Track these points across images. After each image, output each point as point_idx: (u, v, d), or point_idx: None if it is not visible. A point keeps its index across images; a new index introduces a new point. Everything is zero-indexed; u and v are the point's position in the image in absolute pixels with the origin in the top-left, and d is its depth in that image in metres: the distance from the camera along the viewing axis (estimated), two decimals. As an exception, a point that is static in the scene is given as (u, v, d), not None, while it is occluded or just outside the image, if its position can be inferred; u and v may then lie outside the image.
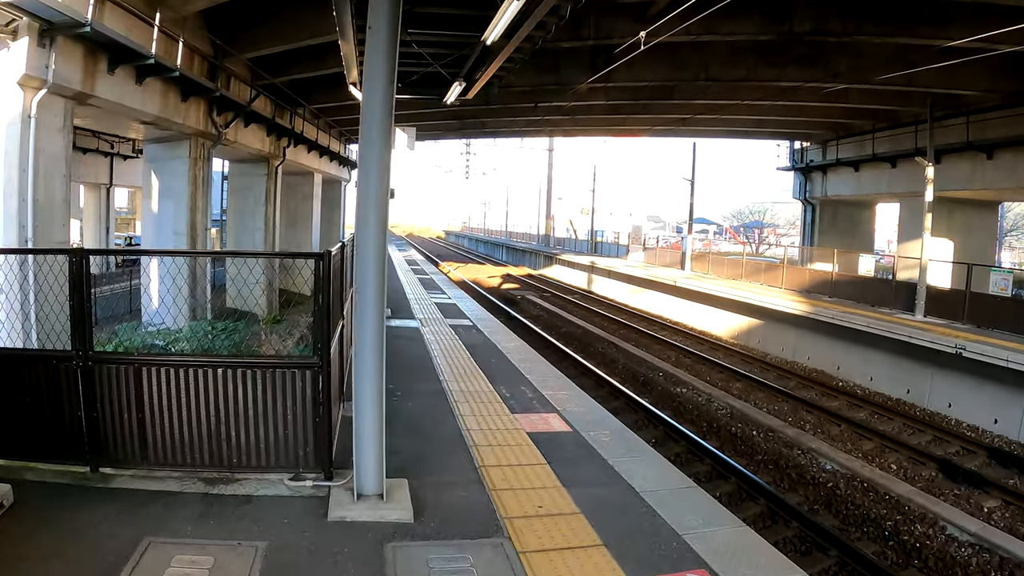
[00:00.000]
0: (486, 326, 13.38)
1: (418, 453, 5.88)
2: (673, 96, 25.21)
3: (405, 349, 10.73)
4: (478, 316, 14.77)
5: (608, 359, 17.76)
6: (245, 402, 4.85)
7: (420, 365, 9.42)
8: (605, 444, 6.28)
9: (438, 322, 13.31)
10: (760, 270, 26.11)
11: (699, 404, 14.00)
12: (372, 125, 4.49)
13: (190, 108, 18.64)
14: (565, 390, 8.43)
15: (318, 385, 4.80)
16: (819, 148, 33.91)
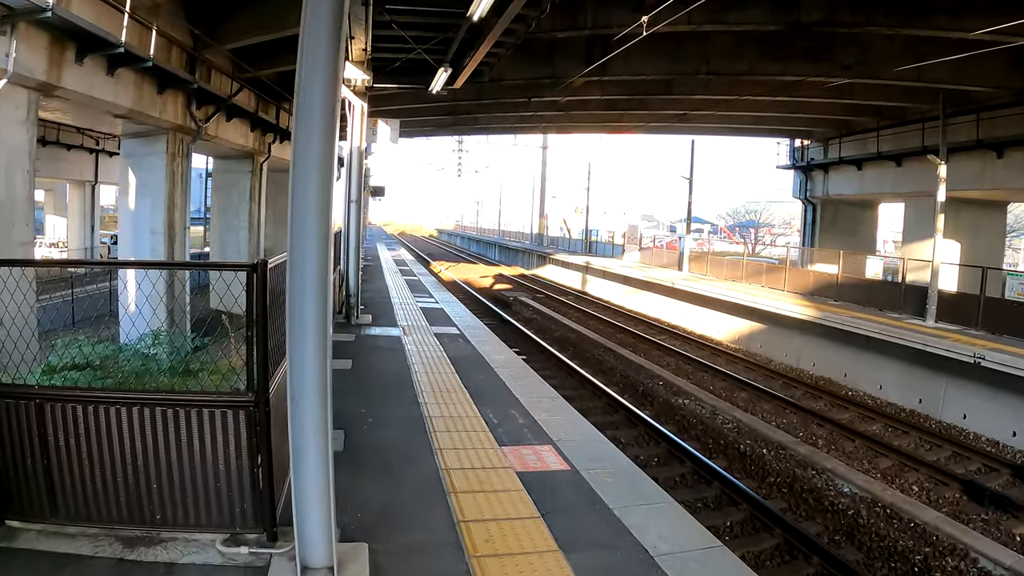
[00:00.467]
0: (474, 335, 12.47)
1: (386, 503, 4.85)
2: (672, 91, 24.38)
3: (383, 363, 9.82)
4: (466, 323, 13.96)
5: (605, 366, 16.88)
6: (167, 447, 3.90)
7: (398, 382, 8.54)
8: (608, 487, 5.29)
9: (422, 330, 12.48)
10: (761, 272, 25.27)
11: (703, 417, 13.13)
12: (311, 102, 3.50)
13: (167, 101, 17.70)
14: (560, 413, 7.46)
15: (254, 427, 3.85)
16: (820, 146, 33.12)
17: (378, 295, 17.34)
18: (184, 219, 19.55)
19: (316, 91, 3.49)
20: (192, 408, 3.83)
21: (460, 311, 15.45)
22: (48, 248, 46.99)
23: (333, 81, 3.48)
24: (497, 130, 36.96)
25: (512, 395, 8.08)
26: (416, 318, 13.59)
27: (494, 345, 11.66)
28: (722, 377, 16.64)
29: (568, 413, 7.57)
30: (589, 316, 25.04)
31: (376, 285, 19.65)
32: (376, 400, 7.61)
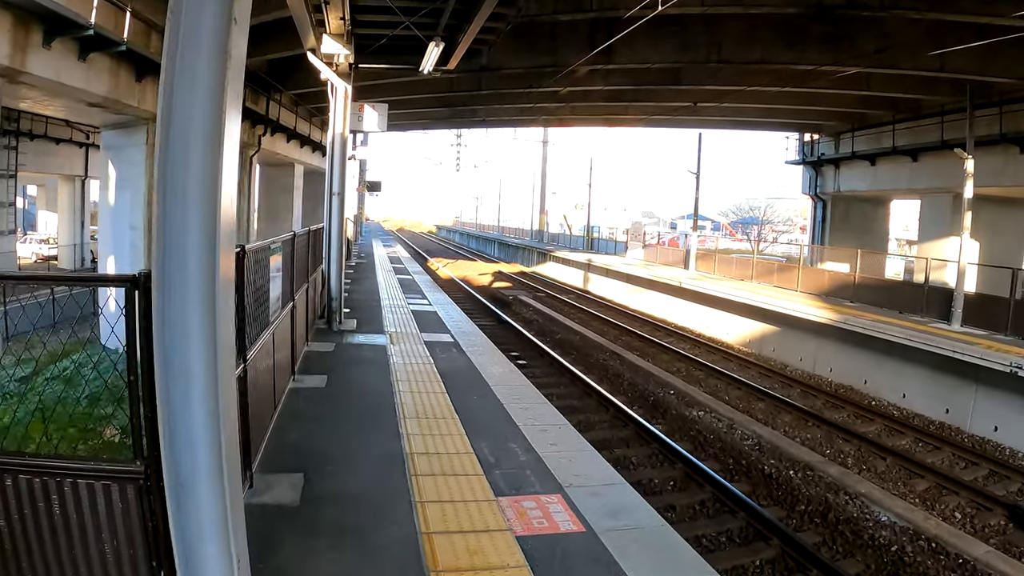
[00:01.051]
0: (470, 343, 11.53)
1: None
2: (680, 80, 23.27)
3: (363, 379, 8.57)
4: (461, 329, 12.84)
5: (611, 373, 15.81)
6: (25, 534, 2.81)
7: (378, 405, 7.35)
8: (635, 557, 4.14)
9: (412, 338, 11.35)
10: (772, 271, 24.20)
11: (720, 432, 12.07)
12: (194, 35, 2.33)
13: (147, 89, 16.67)
14: (568, 446, 6.26)
15: (145, 510, 2.73)
16: (831, 141, 32.02)
17: (367, 296, 16.26)
18: (165, 215, 18.51)
19: (202, 22, 2.33)
20: (67, 478, 2.73)
21: (455, 314, 14.33)
22: (39, 244, 46.09)
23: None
24: (496, 123, 35.83)
25: (511, 421, 6.93)
26: (406, 323, 12.45)
27: (491, 356, 10.52)
28: (736, 385, 15.58)
29: (578, 444, 6.47)
30: (592, 317, 23.98)
31: (366, 285, 18.68)
32: (349, 429, 6.51)
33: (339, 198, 10.09)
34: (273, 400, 6.41)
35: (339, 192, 10.07)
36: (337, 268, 10.71)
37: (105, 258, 19.19)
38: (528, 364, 15.71)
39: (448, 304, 15.82)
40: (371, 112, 10.56)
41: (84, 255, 41.24)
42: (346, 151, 10.04)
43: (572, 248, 45.08)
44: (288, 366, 7.60)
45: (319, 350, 9.93)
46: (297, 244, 8.08)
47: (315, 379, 8.21)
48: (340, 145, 9.96)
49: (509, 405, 7.48)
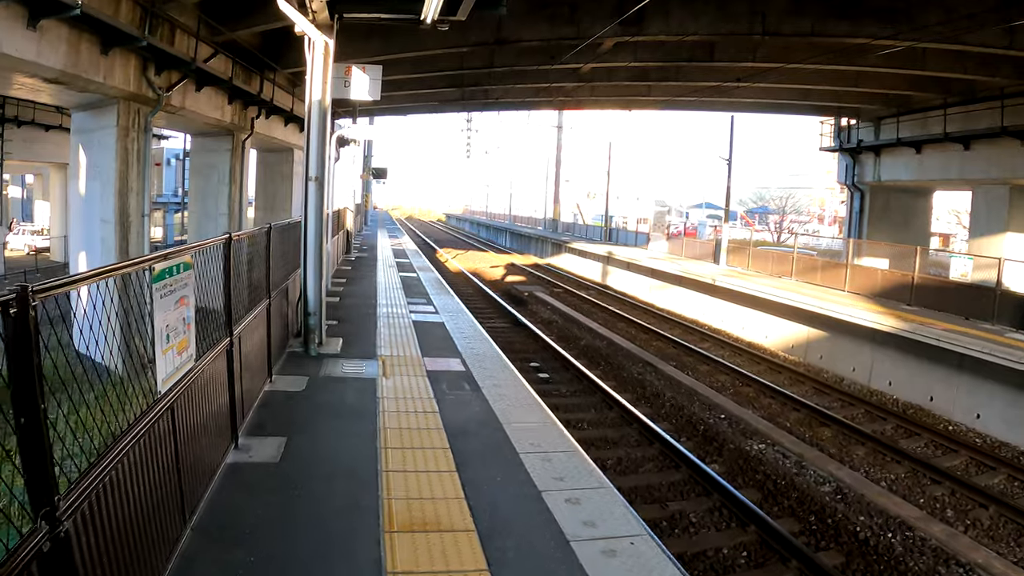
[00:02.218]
0: (487, 374, 8.94)
1: None
2: (713, 56, 21.05)
3: (337, 444, 6.06)
4: (474, 350, 10.23)
5: (649, 391, 13.67)
6: None
7: (351, 502, 4.88)
8: None
9: (411, 365, 8.95)
10: (815, 268, 21.99)
11: (790, 474, 9.97)
12: None
13: (115, 64, 14.60)
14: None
15: None
16: (870, 126, 29.69)
17: (361, 302, 14.08)
18: (141, 205, 16.50)
19: None
20: None
21: (466, 326, 12.01)
22: (31, 235, 44.30)
23: None
24: (509, 105, 33.58)
25: (557, 531, 4.61)
26: (405, 341, 10.09)
27: (516, 396, 8.09)
28: (793, 405, 13.47)
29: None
30: (617, 317, 21.83)
31: (362, 287, 16.48)
32: (298, 558, 4.10)
33: (317, 184, 7.88)
34: (181, 509, 4.05)
35: (317, 176, 7.89)
36: (316, 275, 8.49)
37: (76, 255, 17.23)
38: (552, 380, 13.66)
39: (458, 312, 13.52)
40: (360, 76, 8.39)
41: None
42: (327, 125, 7.89)
43: (589, 239, 42.82)
44: (226, 427, 5.32)
45: (285, 390, 7.55)
46: (250, 247, 6.03)
47: (268, 446, 5.74)
48: (319, 117, 7.76)
49: (550, 494, 5.07)
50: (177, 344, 3.87)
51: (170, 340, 3.76)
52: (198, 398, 4.36)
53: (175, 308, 3.85)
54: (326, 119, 7.78)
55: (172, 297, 3.81)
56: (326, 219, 8.52)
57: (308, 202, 8.06)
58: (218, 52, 18.15)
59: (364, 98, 8.70)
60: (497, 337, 15.91)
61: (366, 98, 8.74)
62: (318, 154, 7.74)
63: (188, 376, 4.09)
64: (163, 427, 3.60)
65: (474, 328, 12.01)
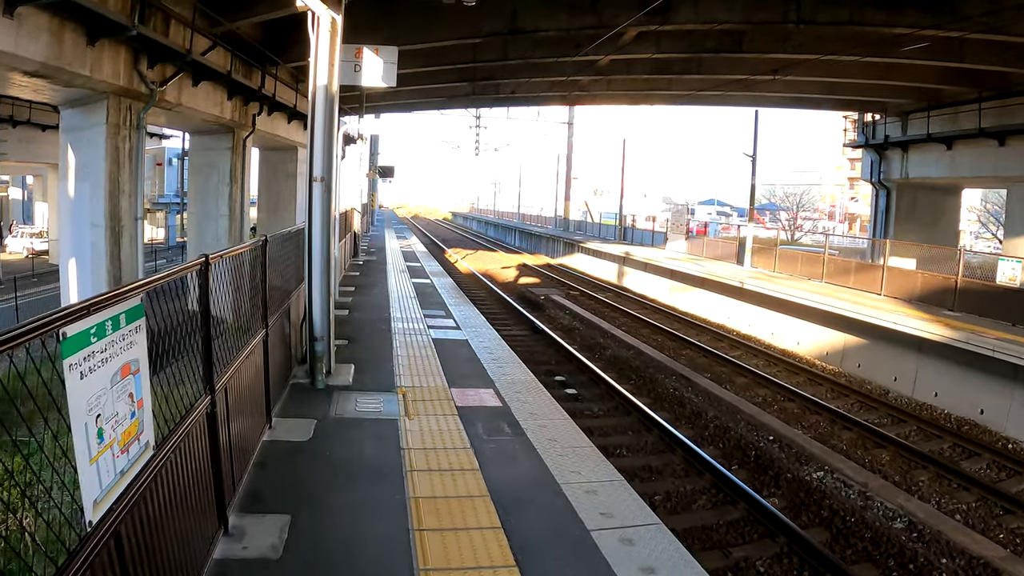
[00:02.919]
0: (527, 410, 7.54)
1: None
2: (742, 47, 19.87)
3: (354, 513, 4.90)
4: (508, 378, 8.81)
5: (689, 409, 12.47)
6: None
7: None
8: None
9: (437, 399, 7.62)
10: (848, 270, 20.80)
11: (856, 508, 8.87)
12: None
13: (103, 56, 13.51)
14: None
15: None
16: (898, 121, 28.45)
17: (373, 315, 13.00)
18: (134, 208, 15.40)
19: None
20: None
21: (493, 345, 10.60)
22: (30, 238, 43.33)
23: None
24: (520, 100, 32.39)
25: None
26: (427, 366, 9.03)
27: (566, 439, 6.77)
28: (843, 423, 12.33)
29: None
30: (640, 322, 20.63)
31: (373, 296, 15.39)
32: None
33: (323, 185, 6.74)
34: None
35: (323, 176, 6.78)
36: (323, 292, 7.18)
37: (66, 262, 16.11)
38: (582, 397, 12.50)
39: (481, 327, 12.07)
40: (373, 59, 7.22)
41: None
42: (334, 115, 6.70)
43: (602, 238, 41.56)
44: (210, 508, 4.05)
45: (288, 439, 6.21)
46: (239, 267, 4.85)
47: (267, 530, 4.43)
48: (325, 107, 6.54)
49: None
50: (120, 436, 2.63)
51: (105, 438, 2.51)
52: (162, 498, 3.12)
53: (114, 385, 2.61)
54: (333, 109, 6.60)
55: (107, 369, 2.57)
56: (333, 222, 7.35)
57: (313, 206, 6.85)
58: (216, 44, 17.08)
59: (377, 84, 7.55)
60: (517, 346, 14.80)
61: (380, 84, 7.59)
62: (324, 150, 6.55)
63: (141, 478, 2.86)
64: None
65: (501, 347, 10.82)
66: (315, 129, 6.60)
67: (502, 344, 11.07)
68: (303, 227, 7.21)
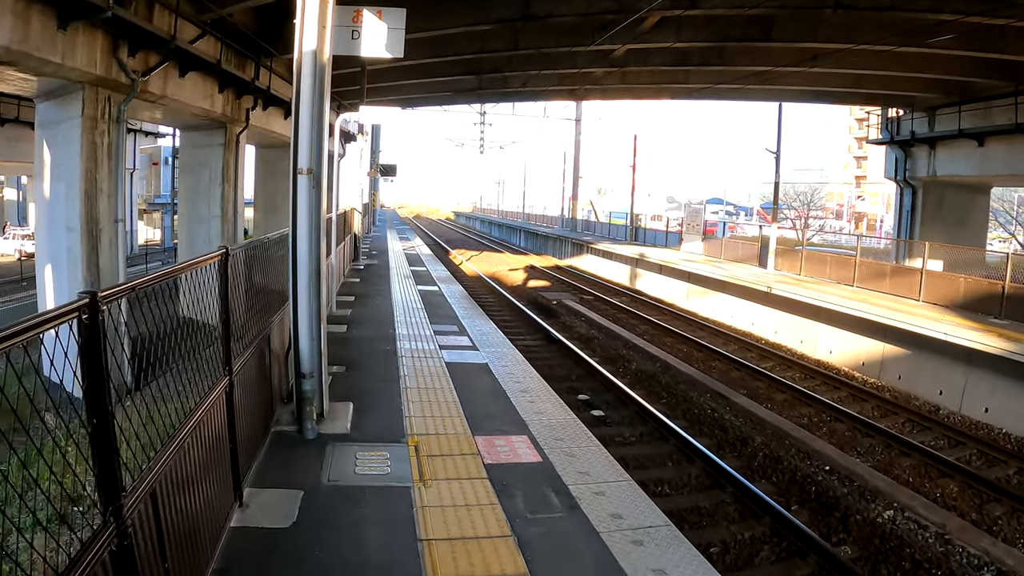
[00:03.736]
0: (576, 467, 6.06)
1: None
2: (770, 35, 18.53)
3: None
4: (544, 418, 7.26)
5: (732, 434, 11.05)
6: None
7: None
8: None
9: (458, 452, 6.14)
10: (883, 274, 19.47)
11: (937, 556, 7.64)
12: None
13: (77, 41, 12.20)
14: None
15: None
16: (924, 117, 27.07)
17: (375, 332, 11.40)
18: (113, 209, 14.07)
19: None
20: None
21: (518, 370, 9.19)
22: (22, 239, 42.03)
23: None
24: (528, 95, 31.04)
25: None
26: (443, 403, 7.57)
27: (635, 514, 5.25)
28: (900, 447, 11.07)
29: None
30: (662, 330, 19.24)
31: (375, 308, 13.85)
32: None
33: (312, 179, 5.40)
34: None
35: (311, 168, 5.38)
36: (312, 317, 5.67)
37: (42, 268, 14.81)
38: (611, 420, 11.16)
39: (501, 344, 10.80)
40: (375, 23, 5.85)
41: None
42: (325, 91, 5.25)
43: (612, 238, 40.15)
44: None
45: (263, 525, 4.68)
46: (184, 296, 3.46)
47: None
48: (314, 78, 4.95)
49: None
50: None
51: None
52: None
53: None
54: (324, 82, 5.13)
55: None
56: (326, 226, 5.86)
57: (298, 206, 5.34)
58: (206, 32, 15.77)
59: (380, 54, 6.24)
60: (533, 358, 13.44)
61: (383, 55, 6.28)
62: (312, 134, 5.10)
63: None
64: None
65: (528, 373, 9.29)
66: (301, 108, 5.20)
67: (528, 369, 9.54)
68: (287, 232, 5.79)
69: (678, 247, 31.55)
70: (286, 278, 5.74)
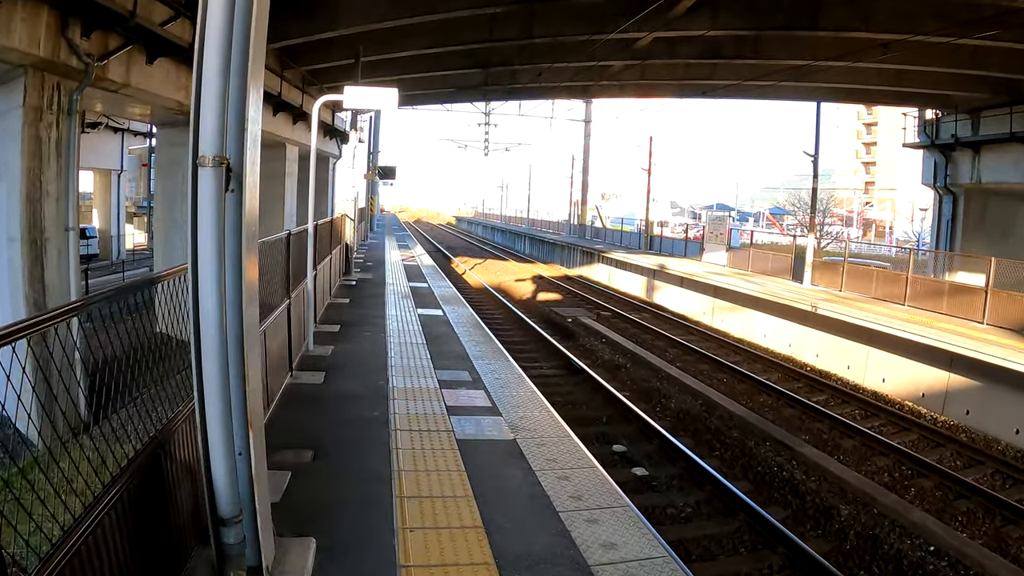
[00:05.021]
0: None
1: None
2: (817, 21, 16.47)
3: None
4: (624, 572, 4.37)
5: (811, 502, 8.84)
6: None
7: None
8: None
9: None
10: (939, 292, 17.36)
11: None
12: None
13: (15, 16, 10.22)
14: None
15: None
16: (967, 119, 24.94)
17: (363, 384, 8.45)
18: (64, 215, 11.98)
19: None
20: None
21: (569, 456, 6.41)
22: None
23: None
24: (538, 92, 28.96)
25: None
26: (459, 527, 4.77)
27: None
28: (1003, 512, 8.95)
29: None
30: (695, 355, 16.92)
31: (365, 342, 10.86)
32: None
33: (227, 179, 3.23)
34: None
35: (226, 157, 3.24)
36: (237, 423, 3.19)
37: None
38: (656, 481, 8.98)
39: (529, 402, 8.03)
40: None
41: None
42: (257, 22, 3.16)
43: (625, 247, 37.96)
44: None
45: None
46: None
47: None
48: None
49: None
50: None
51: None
52: None
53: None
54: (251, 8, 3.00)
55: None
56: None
57: (200, 219, 3.12)
58: (180, 14, 13.71)
59: None
60: (553, 394, 11.38)
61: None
62: (229, 98, 3.01)
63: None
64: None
65: (579, 457, 6.43)
66: (206, 50, 3.10)
67: (580, 452, 6.59)
68: (181, 270, 3.61)
69: (698, 257, 29.38)
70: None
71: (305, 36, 17.66)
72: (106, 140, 32.90)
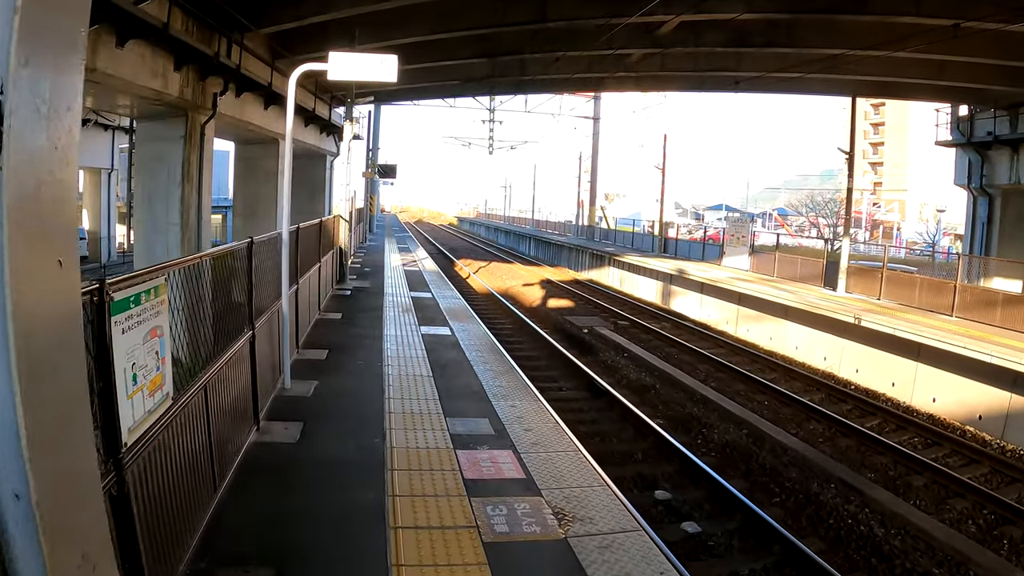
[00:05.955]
0: None
1: None
2: (865, 6, 14.92)
3: None
4: None
5: (896, 565, 7.34)
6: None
7: None
8: None
9: None
10: (992, 303, 15.79)
11: None
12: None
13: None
14: None
15: None
16: (1006, 115, 23.35)
17: (351, 451, 6.28)
18: None
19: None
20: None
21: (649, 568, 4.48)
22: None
23: None
24: (548, 85, 27.36)
25: None
26: None
27: None
28: None
29: None
30: (728, 372, 15.17)
31: (358, 375, 8.87)
32: None
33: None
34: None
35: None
36: None
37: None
38: (714, 539, 7.38)
39: (575, 469, 6.15)
40: None
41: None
42: None
43: (637, 249, 36.37)
44: None
45: None
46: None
47: None
48: None
49: None
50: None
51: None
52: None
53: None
54: None
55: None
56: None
57: None
58: (158, -8, 12.19)
59: None
60: (576, 422, 9.86)
61: None
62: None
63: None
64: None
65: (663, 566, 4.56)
66: None
67: (660, 560, 4.64)
68: None
69: (717, 261, 27.77)
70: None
71: (297, 20, 16.16)
72: (95, 137, 31.27)
